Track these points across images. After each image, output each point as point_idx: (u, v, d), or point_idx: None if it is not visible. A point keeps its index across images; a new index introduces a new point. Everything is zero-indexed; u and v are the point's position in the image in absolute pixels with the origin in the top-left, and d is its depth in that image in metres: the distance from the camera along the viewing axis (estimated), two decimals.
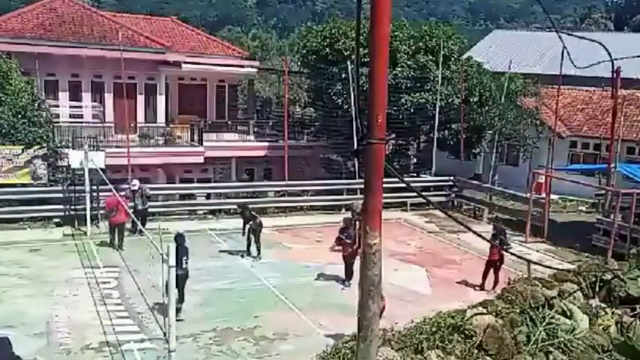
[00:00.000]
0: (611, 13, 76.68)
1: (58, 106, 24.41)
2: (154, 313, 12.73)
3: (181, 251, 11.83)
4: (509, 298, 7.40)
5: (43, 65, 23.71)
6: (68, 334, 11.85)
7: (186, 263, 12.44)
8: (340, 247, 15.18)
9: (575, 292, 7.85)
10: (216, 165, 27.16)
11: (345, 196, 23.71)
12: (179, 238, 12.47)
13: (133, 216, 16.39)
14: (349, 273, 14.83)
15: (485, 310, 7.04)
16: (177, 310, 12.24)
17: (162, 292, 11.35)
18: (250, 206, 18.26)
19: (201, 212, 22.00)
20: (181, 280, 12.11)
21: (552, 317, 6.91)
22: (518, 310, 7.06)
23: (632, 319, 7.32)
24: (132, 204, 17.97)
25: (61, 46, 24.29)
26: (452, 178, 24.77)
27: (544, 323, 6.76)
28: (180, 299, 12.40)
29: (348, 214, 16.83)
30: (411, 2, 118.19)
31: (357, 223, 14.41)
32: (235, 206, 19.44)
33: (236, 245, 17.91)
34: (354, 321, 5.21)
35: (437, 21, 31.24)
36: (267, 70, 37.24)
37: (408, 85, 25.10)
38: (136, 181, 18.97)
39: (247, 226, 17.05)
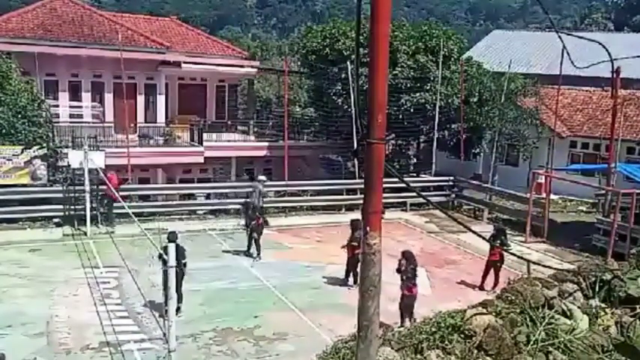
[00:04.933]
0: (611, 13, 76.64)
1: (58, 106, 24.42)
2: (153, 313, 12.72)
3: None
4: (509, 298, 7.37)
5: (43, 65, 23.72)
6: (68, 334, 11.85)
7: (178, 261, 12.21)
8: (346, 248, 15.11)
9: (575, 292, 7.83)
10: (216, 165, 27.17)
11: (345, 196, 23.74)
12: (171, 236, 12.38)
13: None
14: (356, 275, 14.70)
15: (485, 310, 7.03)
16: (176, 310, 12.22)
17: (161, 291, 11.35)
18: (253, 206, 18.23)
19: (201, 212, 22.00)
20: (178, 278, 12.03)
21: (552, 317, 6.90)
22: (518, 310, 7.04)
23: (632, 319, 7.30)
24: (250, 200, 18.36)
25: (61, 46, 24.30)
26: (452, 178, 24.77)
27: (544, 323, 6.74)
28: (178, 299, 12.34)
29: (353, 215, 16.75)
30: (411, 2, 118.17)
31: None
32: (239, 206, 19.45)
33: (236, 245, 17.92)
34: (354, 321, 5.20)
35: (437, 21, 31.25)
36: (267, 70, 37.22)
37: (408, 85, 25.09)
38: (262, 177, 19.71)
39: (249, 224, 17.04)
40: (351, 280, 14.88)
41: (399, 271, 12.25)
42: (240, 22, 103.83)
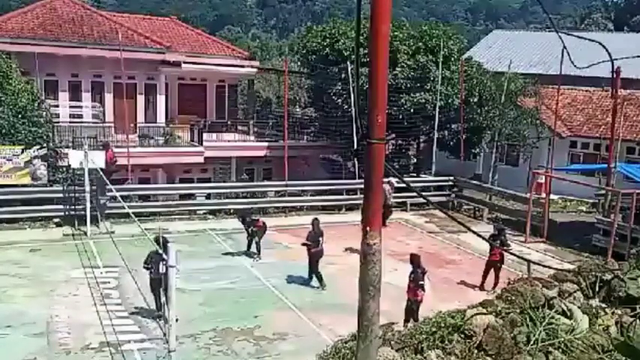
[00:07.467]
0: (611, 13, 76.66)
1: (58, 106, 24.39)
2: (153, 313, 12.72)
3: (156, 257, 11.52)
4: (509, 298, 7.38)
5: (43, 65, 23.68)
6: (68, 334, 11.85)
7: (160, 268, 11.43)
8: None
9: (575, 292, 7.83)
10: (216, 165, 27.16)
11: (345, 196, 23.74)
12: (160, 240, 11.66)
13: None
14: (315, 273, 15.13)
15: (485, 310, 7.03)
16: (160, 317, 12.10)
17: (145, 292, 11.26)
18: (250, 207, 18.26)
19: (201, 212, 22.00)
20: (156, 285, 11.93)
21: (552, 317, 6.90)
22: (518, 310, 7.05)
23: (632, 319, 7.30)
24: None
25: (61, 46, 24.26)
26: (452, 178, 24.76)
27: (544, 323, 6.74)
28: (159, 306, 12.25)
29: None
30: (411, 2, 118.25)
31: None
32: (237, 215, 19.47)
33: (236, 245, 17.93)
34: (354, 321, 5.20)
35: (437, 21, 31.23)
36: (267, 70, 37.23)
37: (408, 85, 25.09)
38: (392, 179, 20.02)
39: (249, 230, 17.11)
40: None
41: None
42: (240, 22, 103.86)
